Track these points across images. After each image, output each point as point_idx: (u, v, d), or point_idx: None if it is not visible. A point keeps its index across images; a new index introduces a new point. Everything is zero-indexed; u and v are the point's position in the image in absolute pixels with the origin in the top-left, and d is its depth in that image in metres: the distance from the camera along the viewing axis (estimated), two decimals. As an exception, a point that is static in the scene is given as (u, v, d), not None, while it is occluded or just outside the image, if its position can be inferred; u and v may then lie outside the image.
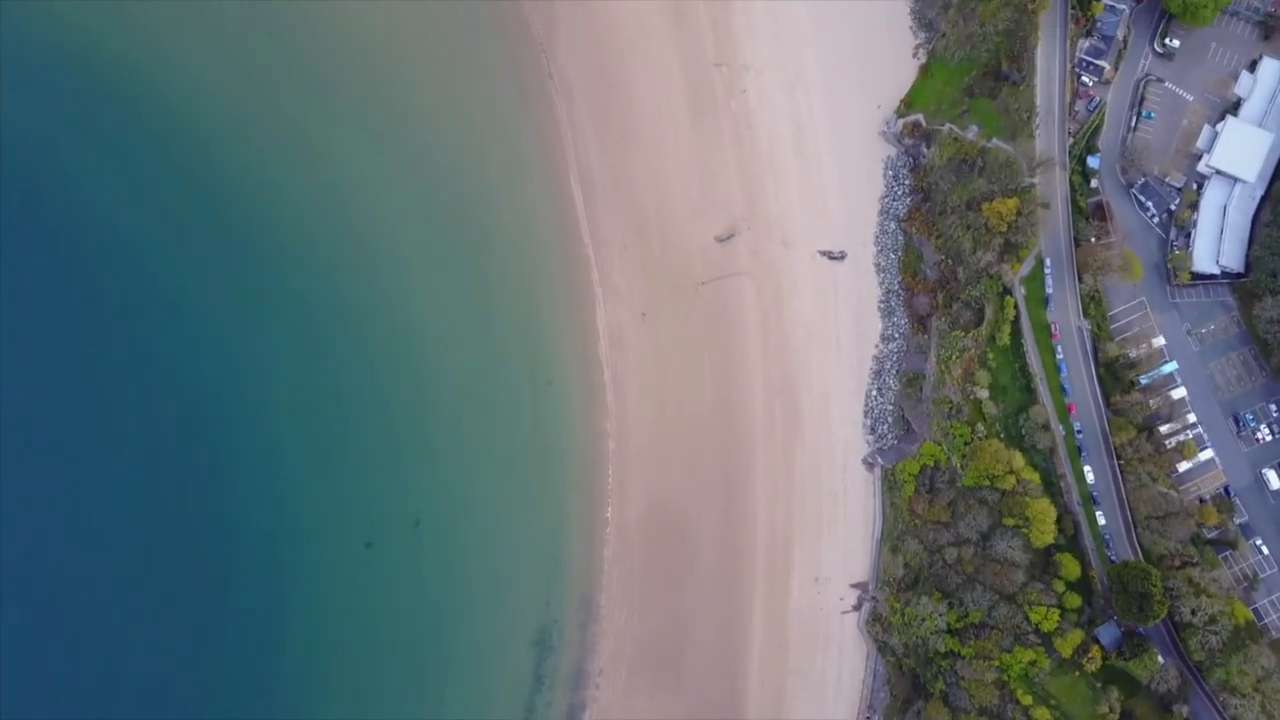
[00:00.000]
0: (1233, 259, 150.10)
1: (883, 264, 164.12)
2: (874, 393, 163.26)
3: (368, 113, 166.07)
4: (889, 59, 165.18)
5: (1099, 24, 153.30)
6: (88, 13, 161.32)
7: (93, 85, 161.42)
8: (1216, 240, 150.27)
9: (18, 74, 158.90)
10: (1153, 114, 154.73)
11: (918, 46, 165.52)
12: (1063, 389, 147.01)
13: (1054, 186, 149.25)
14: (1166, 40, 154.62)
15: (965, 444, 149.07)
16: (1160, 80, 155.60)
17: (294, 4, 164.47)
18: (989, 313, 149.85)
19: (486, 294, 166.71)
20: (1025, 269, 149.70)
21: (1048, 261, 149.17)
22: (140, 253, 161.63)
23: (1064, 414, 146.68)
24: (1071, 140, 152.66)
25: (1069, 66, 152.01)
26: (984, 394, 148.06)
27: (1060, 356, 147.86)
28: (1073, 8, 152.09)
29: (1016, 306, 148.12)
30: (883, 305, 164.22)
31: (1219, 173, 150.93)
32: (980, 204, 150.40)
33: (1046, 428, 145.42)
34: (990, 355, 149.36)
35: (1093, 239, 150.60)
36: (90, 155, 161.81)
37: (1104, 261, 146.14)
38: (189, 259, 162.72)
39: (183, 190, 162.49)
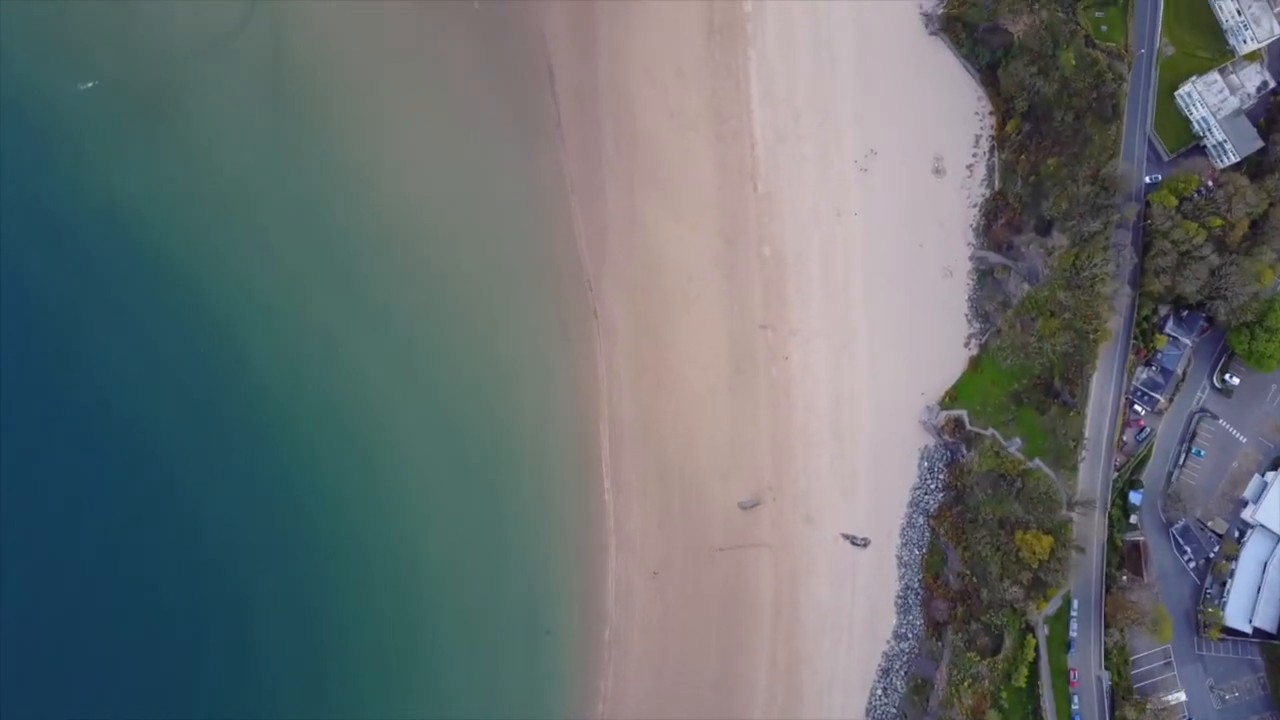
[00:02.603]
0: (1267, 619, 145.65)
1: (905, 558, 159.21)
2: (879, 691, 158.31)
3: (403, 327, 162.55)
4: (940, 344, 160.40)
5: (1160, 357, 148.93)
6: (124, 194, 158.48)
7: (124, 265, 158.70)
8: (1252, 598, 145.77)
9: (49, 247, 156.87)
10: (1202, 451, 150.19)
11: (970, 337, 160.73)
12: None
13: (1092, 529, 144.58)
14: (1226, 377, 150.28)
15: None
16: (1214, 417, 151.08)
17: (347, 212, 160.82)
18: (1008, 646, 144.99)
19: (496, 527, 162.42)
20: (1051, 608, 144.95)
21: (1075, 604, 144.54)
22: (145, 438, 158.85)
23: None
24: (1116, 474, 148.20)
25: (1123, 400, 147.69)
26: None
27: (1076, 707, 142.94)
28: (1134, 338, 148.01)
29: (1037, 648, 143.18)
30: (900, 601, 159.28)
31: (1263, 527, 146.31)
32: (1014, 527, 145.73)
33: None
34: (1004, 694, 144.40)
35: (1124, 579, 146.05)
36: (114, 336, 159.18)
37: (1135, 616, 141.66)
38: (196, 449, 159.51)
39: (197, 380, 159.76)
